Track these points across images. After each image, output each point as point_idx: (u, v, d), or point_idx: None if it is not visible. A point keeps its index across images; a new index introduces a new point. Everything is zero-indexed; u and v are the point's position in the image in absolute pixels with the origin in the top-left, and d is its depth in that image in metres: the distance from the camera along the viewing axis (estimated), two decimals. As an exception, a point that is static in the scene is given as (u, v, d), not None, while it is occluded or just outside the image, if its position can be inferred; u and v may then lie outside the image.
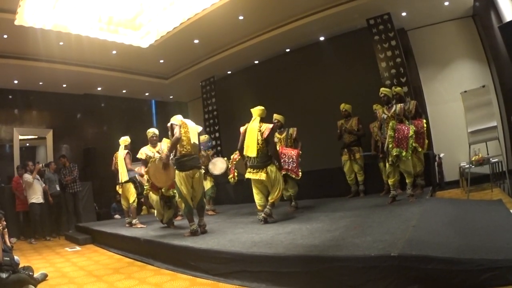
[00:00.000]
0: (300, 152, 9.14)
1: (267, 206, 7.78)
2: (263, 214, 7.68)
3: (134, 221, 10.13)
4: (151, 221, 10.52)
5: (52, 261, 8.36)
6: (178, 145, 7.25)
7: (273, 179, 7.81)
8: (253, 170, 7.76)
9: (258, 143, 7.68)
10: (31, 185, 12.00)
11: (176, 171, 7.23)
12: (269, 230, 6.74)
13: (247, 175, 7.91)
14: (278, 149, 8.81)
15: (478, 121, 9.38)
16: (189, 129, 7.34)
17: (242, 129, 8.04)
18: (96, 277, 6.53)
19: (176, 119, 7.49)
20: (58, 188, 12.55)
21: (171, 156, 7.46)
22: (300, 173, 8.85)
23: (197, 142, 7.51)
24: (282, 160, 8.67)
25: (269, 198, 7.84)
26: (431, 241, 4.45)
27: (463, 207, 7.49)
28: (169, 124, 7.35)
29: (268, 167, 7.76)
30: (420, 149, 8.52)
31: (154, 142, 9.44)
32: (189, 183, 7.26)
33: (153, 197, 9.03)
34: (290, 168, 8.80)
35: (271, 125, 8.03)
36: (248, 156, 7.77)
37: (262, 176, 7.67)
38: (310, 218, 7.68)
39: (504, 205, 7.12)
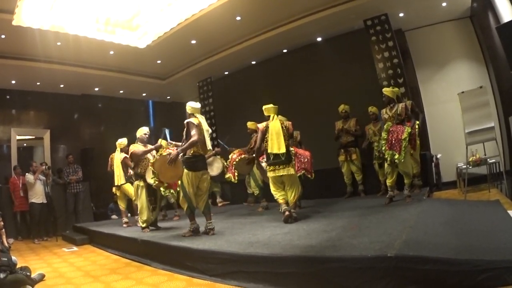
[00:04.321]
0: None
1: (292, 210, 7.71)
2: (286, 213, 7.53)
3: (137, 217, 10.17)
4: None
5: (50, 262, 8.35)
6: None
7: (296, 174, 7.92)
8: (279, 166, 7.68)
9: (285, 140, 7.69)
10: (32, 186, 12.06)
11: (185, 171, 7.19)
12: (266, 231, 6.75)
13: (271, 174, 7.77)
14: (292, 149, 8.82)
15: (476, 122, 9.38)
16: (204, 131, 7.26)
17: (260, 126, 7.98)
18: (93, 277, 6.52)
19: (194, 110, 7.40)
20: (48, 190, 12.48)
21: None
22: (313, 173, 9.08)
23: (211, 148, 7.49)
24: (298, 160, 8.76)
25: (291, 199, 7.75)
26: (428, 242, 4.45)
27: (460, 207, 7.50)
28: (185, 122, 7.24)
29: (292, 163, 7.85)
30: (412, 151, 8.53)
31: (145, 141, 9.34)
32: (196, 183, 7.22)
33: (143, 197, 8.98)
34: (306, 167, 8.92)
35: (290, 122, 8.20)
36: (274, 154, 7.67)
37: (290, 170, 7.67)
38: (307, 219, 7.70)
39: (501, 205, 7.13)
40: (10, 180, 12.71)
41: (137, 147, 9.06)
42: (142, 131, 9.36)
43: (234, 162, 10.31)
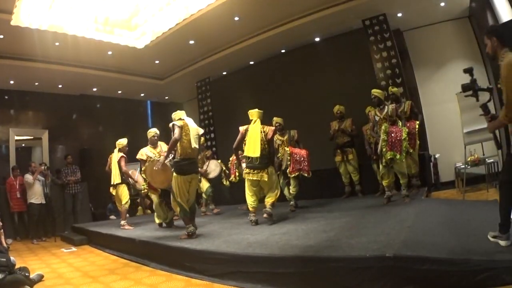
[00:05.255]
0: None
1: (268, 207, 7.74)
2: (265, 215, 7.61)
3: (122, 222, 10.14)
4: (145, 222, 10.62)
5: (48, 262, 8.36)
6: (179, 148, 7.18)
7: (273, 180, 7.86)
8: (254, 170, 7.74)
9: (261, 144, 7.70)
10: (31, 186, 12.07)
11: (174, 174, 7.19)
12: (264, 231, 6.77)
13: (247, 176, 7.87)
14: (287, 149, 8.91)
15: (474, 122, 9.37)
16: (190, 131, 7.27)
17: (241, 128, 8.08)
18: (92, 278, 6.53)
19: (179, 116, 7.44)
20: (46, 190, 12.48)
21: (170, 158, 7.43)
22: (310, 172, 9.22)
23: (197, 147, 7.46)
24: (294, 160, 8.89)
25: (269, 200, 7.80)
26: (426, 242, 4.46)
27: (459, 207, 7.51)
28: (171, 124, 7.27)
29: (269, 168, 7.81)
30: (411, 150, 8.53)
31: (154, 143, 9.38)
32: (186, 187, 7.22)
33: (154, 199, 9.02)
34: (302, 167, 9.01)
35: (273, 127, 8.19)
36: (249, 157, 7.75)
37: (264, 177, 7.69)
38: (305, 219, 7.72)
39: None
40: (7, 181, 12.71)
41: (144, 153, 9.19)
42: (151, 133, 9.43)
43: (235, 162, 10.40)
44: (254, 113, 8.10)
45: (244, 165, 8.25)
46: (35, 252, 10.08)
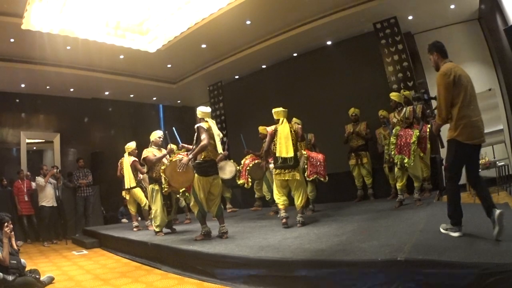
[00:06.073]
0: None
1: (299, 214, 7.74)
2: (298, 224, 7.56)
3: (147, 222, 10.22)
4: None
5: (59, 265, 8.41)
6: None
7: (302, 179, 7.84)
8: (285, 170, 7.65)
9: (294, 143, 7.68)
10: (43, 189, 12.09)
11: (196, 175, 7.21)
12: (276, 235, 6.77)
13: (278, 177, 7.78)
14: (304, 152, 8.92)
15: (484, 125, 9.35)
16: (214, 135, 7.25)
17: (269, 129, 7.96)
18: (103, 280, 6.56)
19: (203, 115, 7.42)
20: (58, 193, 12.53)
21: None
22: (327, 176, 9.15)
23: (222, 152, 7.51)
24: (310, 164, 8.84)
25: (298, 203, 7.76)
26: (438, 245, 4.46)
27: (470, 211, 7.45)
28: (196, 126, 7.24)
29: (299, 167, 7.83)
30: (421, 154, 8.51)
31: (159, 145, 9.38)
32: (207, 188, 7.24)
33: (157, 205, 8.96)
34: (318, 171, 8.96)
35: (300, 126, 8.22)
36: (281, 157, 7.65)
37: (296, 175, 7.64)
38: (317, 223, 7.72)
39: (510, 208, 7.08)
40: (14, 184, 12.79)
41: (150, 152, 9.08)
42: (156, 135, 9.37)
43: (248, 168, 10.31)
44: (280, 113, 7.98)
45: (271, 165, 8.26)
46: (46, 254, 10.14)
